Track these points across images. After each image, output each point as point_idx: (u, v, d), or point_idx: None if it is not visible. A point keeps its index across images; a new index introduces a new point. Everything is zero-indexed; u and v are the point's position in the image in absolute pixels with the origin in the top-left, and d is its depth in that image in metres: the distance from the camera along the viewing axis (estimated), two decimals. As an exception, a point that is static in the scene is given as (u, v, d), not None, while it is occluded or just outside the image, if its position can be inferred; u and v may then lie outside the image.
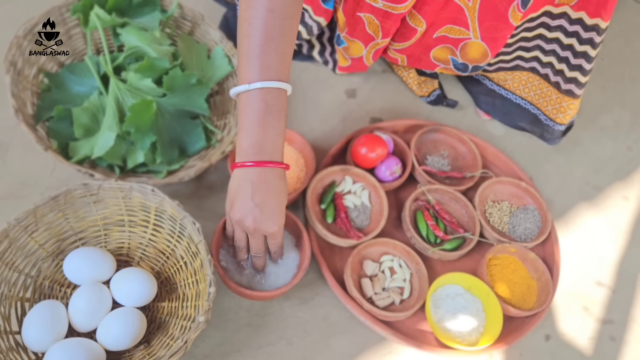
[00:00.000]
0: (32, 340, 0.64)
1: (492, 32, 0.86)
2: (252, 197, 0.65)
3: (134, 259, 0.77)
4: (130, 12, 0.85)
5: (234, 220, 0.68)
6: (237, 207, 0.67)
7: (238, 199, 0.66)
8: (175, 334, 0.68)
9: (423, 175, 0.91)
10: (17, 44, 0.77)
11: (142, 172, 0.82)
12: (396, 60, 1.00)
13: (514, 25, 0.84)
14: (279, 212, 0.68)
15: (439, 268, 0.86)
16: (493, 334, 0.76)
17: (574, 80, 0.91)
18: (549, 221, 0.90)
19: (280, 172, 0.67)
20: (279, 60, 0.64)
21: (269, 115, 0.64)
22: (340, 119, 1.02)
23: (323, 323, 0.79)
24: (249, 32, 0.63)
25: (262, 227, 0.67)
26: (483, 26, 0.85)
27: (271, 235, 0.69)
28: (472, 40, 0.88)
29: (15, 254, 0.67)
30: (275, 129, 0.65)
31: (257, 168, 0.65)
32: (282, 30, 0.63)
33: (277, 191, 0.67)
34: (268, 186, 0.66)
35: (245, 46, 0.64)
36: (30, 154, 0.85)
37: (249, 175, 0.65)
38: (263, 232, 0.68)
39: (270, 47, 0.63)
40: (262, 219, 0.66)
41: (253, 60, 0.63)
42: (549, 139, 1.02)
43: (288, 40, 0.65)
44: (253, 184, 0.65)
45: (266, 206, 0.66)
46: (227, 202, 0.69)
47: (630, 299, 0.90)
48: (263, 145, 0.65)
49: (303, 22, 0.92)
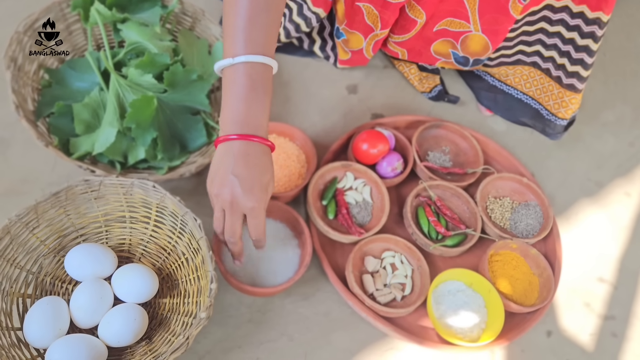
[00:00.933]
0: (33, 336, 0.64)
1: (493, 24, 0.85)
2: (233, 170, 0.62)
3: (135, 255, 0.77)
4: (130, 8, 0.85)
5: (212, 195, 0.65)
6: (217, 181, 0.64)
7: (219, 173, 0.64)
8: (176, 330, 0.68)
9: (424, 171, 0.90)
10: (17, 39, 0.77)
11: (143, 168, 0.82)
12: (397, 54, 1.00)
13: (515, 17, 0.83)
14: (260, 187, 0.64)
15: (440, 264, 0.86)
16: (495, 330, 0.76)
17: (575, 75, 0.91)
18: (550, 217, 0.89)
19: (265, 148, 0.64)
20: (265, 35, 0.63)
21: (253, 91, 0.63)
22: (341, 115, 1.01)
23: (324, 319, 0.79)
24: (235, 6, 0.62)
25: (240, 201, 0.63)
26: (483, 18, 0.85)
27: (250, 212, 0.64)
28: (473, 33, 0.87)
29: (16, 250, 0.67)
30: (260, 105, 0.64)
31: (241, 141, 0.63)
32: (267, 5, 0.62)
33: (260, 165, 0.64)
34: (250, 159, 0.63)
35: (230, 20, 0.63)
36: (31, 150, 0.85)
37: (232, 149, 0.63)
38: (241, 208, 0.64)
39: (256, 22, 0.62)
40: (241, 192, 0.62)
41: (238, 34, 0.62)
42: (551, 134, 1.02)
43: (274, 16, 0.64)
44: (235, 156, 0.62)
45: (246, 179, 0.62)
46: (207, 178, 0.66)
47: (631, 295, 0.90)
48: (247, 121, 0.63)
49: (302, 15, 0.92)
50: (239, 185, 0.62)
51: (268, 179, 0.65)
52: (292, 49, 1.06)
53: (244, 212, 0.65)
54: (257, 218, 0.65)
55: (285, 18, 0.95)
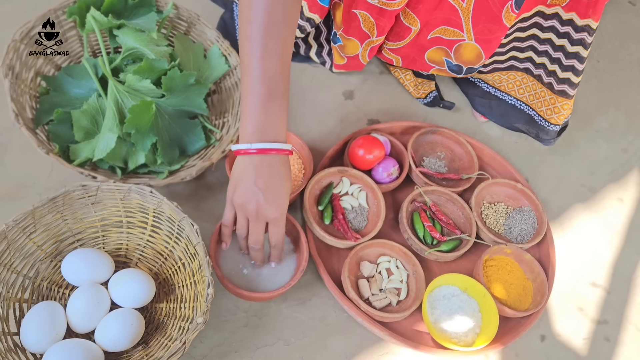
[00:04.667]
0: (30, 341, 0.64)
1: (486, 33, 0.86)
2: (255, 181, 0.66)
3: (132, 260, 0.77)
4: (126, 14, 0.85)
5: (236, 205, 0.69)
6: (241, 191, 0.67)
7: (242, 183, 0.67)
8: (173, 335, 0.68)
9: (420, 176, 0.91)
10: (14, 47, 0.77)
11: (143, 173, 0.82)
12: (391, 61, 1.01)
13: (508, 27, 0.85)
14: (283, 197, 0.68)
15: (435, 269, 0.87)
16: (489, 335, 0.77)
17: (566, 81, 0.92)
18: (544, 222, 0.90)
19: (284, 159, 0.68)
20: (281, 45, 0.65)
21: (271, 100, 0.65)
22: (337, 121, 1.02)
23: (320, 324, 0.80)
24: (250, 17, 0.64)
25: (264, 211, 0.67)
26: (477, 28, 0.86)
27: (273, 221, 0.69)
28: (466, 42, 0.88)
29: (13, 255, 0.67)
30: (278, 112, 0.66)
31: (261, 155, 0.66)
32: (283, 15, 0.64)
33: (281, 176, 0.67)
34: (272, 170, 0.66)
35: (246, 31, 0.65)
36: (28, 155, 0.85)
37: (253, 161, 0.66)
38: (265, 217, 0.68)
39: (272, 32, 0.64)
40: (265, 203, 0.67)
41: (255, 45, 0.64)
42: (545, 140, 1.03)
43: (290, 25, 0.66)
44: (256, 168, 0.66)
45: (270, 190, 0.66)
46: (229, 186, 0.69)
47: (624, 299, 0.91)
48: (266, 130, 0.66)
49: None
50: (263, 196, 0.66)
51: (288, 187, 0.69)
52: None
53: (267, 220, 0.69)
54: (279, 226, 0.70)
55: None
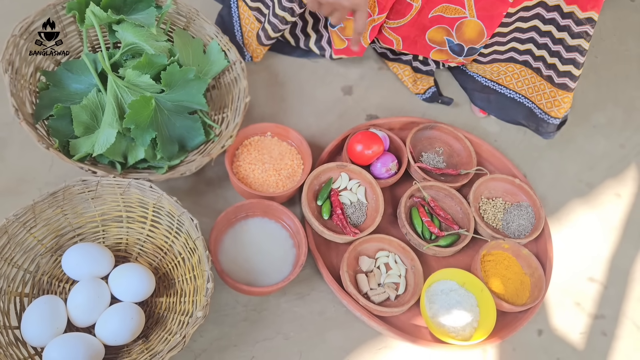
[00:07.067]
0: (31, 335, 0.64)
1: (488, 9, 0.86)
2: None
3: (132, 255, 0.77)
4: (125, 9, 0.85)
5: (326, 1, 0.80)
6: None
7: None
8: (173, 329, 0.68)
9: (418, 172, 0.91)
10: (13, 42, 0.77)
11: (143, 168, 0.82)
12: (392, 43, 1.00)
13: (509, 1, 0.85)
14: None
15: (433, 264, 0.87)
16: (487, 329, 0.77)
17: (567, 74, 0.92)
18: (542, 218, 0.91)
19: None
20: None
21: None
22: (336, 116, 1.02)
23: (319, 318, 0.80)
24: None
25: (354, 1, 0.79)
26: (479, 4, 0.86)
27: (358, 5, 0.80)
28: (468, 19, 0.88)
29: (14, 249, 0.68)
30: None
31: None
32: None
33: None
34: None
35: None
36: (29, 150, 0.85)
37: None
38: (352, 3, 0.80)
39: None
40: None
41: None
42: (544, 133, 1.03)
43: None
44: None
45: None
46: None
47: (621, 294, 0.92)
48: None
49: (281, 5, 0.92)
50: None
51: None
52: (288, 50, 1.07)
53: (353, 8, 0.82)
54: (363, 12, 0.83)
55: (269, 12, 0.95)
